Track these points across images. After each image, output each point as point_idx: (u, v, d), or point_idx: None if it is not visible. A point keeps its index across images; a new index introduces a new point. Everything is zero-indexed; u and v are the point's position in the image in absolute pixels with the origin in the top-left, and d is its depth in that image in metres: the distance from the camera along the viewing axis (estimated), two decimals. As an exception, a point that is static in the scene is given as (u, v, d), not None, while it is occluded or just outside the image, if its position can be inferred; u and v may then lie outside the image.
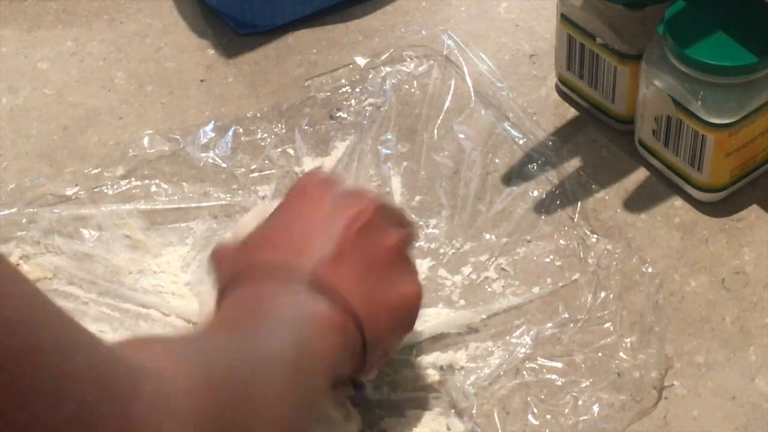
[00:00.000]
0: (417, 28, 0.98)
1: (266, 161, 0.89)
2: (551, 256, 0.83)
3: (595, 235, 0.83)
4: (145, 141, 0.90)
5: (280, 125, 0.91)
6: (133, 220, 0.85)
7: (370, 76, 0.94)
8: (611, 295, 0.80)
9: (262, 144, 0.90)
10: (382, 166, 0.89)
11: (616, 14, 0.85)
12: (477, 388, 0.76)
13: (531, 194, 0.86)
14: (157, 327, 0.80)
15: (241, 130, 0.91)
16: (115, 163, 0.89)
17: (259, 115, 0.92)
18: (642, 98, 0.85)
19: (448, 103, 0.92)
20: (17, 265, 0.83)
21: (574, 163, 0.88)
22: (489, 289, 0.81)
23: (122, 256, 0.84)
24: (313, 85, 0.94)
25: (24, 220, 0.85)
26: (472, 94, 0.92)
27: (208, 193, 0.88)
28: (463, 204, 0.86)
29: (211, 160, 0.89)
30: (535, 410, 0.75)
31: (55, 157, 0.90)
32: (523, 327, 0.79)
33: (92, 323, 0.80)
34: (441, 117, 0.91)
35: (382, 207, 0.72)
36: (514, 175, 0.88)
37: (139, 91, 0.95)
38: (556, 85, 0.94)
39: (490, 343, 0.78)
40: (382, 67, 0.95)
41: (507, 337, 0.79)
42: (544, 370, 0.77)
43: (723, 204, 0.85)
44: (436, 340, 0.78)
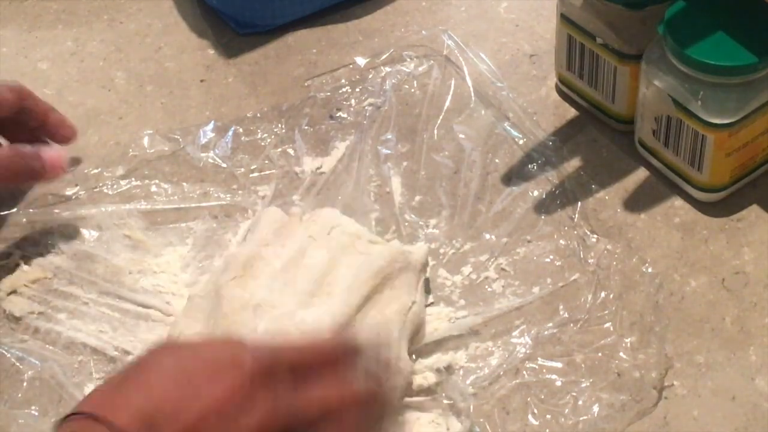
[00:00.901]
0: (417, 28, 0.98)
1: (266, 161, 0.89)
2: (551, 256, 0.83)
3: (595, 235, 0.83)
4: (145, 141, 0.90)
5: (280, 125, 0.91)
6: (133, 220, 0.85)
7: (370, 76, 0.94)
8: (611, 295, 0.80)
9: (262, 144, 0.90)
10: (382, 166, 0.89)
11: (616, 14, 0.85)
12: (477, 388, 0.76)
13: (531, 194, 0.86)
14: (158, 327, 0.80)
15: (241, 130, 0.91)
16: (115, 163, 0.89)
17: (259, 115, 0.92)
18: (642, 98, 0.85)
19: (448, 103, 0.92)
20: (17, 266, 0.83)
21: (574, 163, 0.88)
22: (489, 289, 0.81)
23: (122, 256, 0.84)
24: (313, 85, 0.94)
25: (24, 220, 0.85)
26: (472, 94, 0.92)
27: (208, 193, 0.88)
28: (463, 204, 0.86)
29: (211, 160, 0.89)
30: (535, 410, 0.75)
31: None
32: (523, 327, 0.79)
33: (92, 323, 0.80)
34: (441, 117, 0.91)
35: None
36: (514, 175, 0.88)
37: (139, 91, 0.95)
38: (556, 85, 0.94)
39: (490, 343, 0.78)
40: (382, 67, 0.95)
41: (507, 337, 0.79)
42: (544, 370, 0.77)
43: (723, 204, 0.85)
44: (436, 342, 0.78)
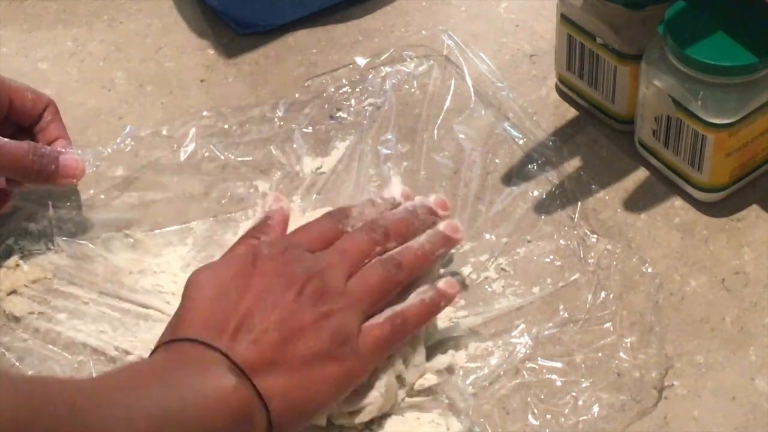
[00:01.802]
0: (417, 28, 0.98)
1: (266, 161, 0.89)
2: (551, 256, 0.83)
3: (595, 235, 0.83)
4: (145, 141, 0.90)
5: (280, 125, 0.91)
6: (133, 220, 0.85)
7: (370, 76, 0.94)
8: (611, 295, 0.80)
9: (262, 144, 0.90)
10: (382, 166, 0.89)
11: (616, 14, 0.85)
12: (477, 389, 0.76)
13: (531, 194, 0.86)
14: (158, 327, 0.80)
15: (240, 130, 0.91)
16: (115, 163, 0.89)
17: (258, 115, 0.92)
18: (642, 98, 0.85)
19: (448, 103, 0.92)
20: (17, 266, 0.83)
21: (574, 163, 0.88)
22: (489, 289, 0.81)
23: (122, 256, 0.84)
24: (313, 85, 0.94)
25: (24, 220, 0.85)
26: (472, 94, 0.92)
27: (208, 193, 0.88)
28: (463, 204, 0.86)
29: (211, 160, 0.89)
30: (535, 410, 0.75)
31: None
32: (523, 327, 0.79)
33: (92, 323, 0.80)
34: (441, 117, 0.91)
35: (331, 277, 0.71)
36: (514, 175, 0.88)
37: (139, 91, 0.95)
38: (556, 85, 0.94)
39: (490, 343, 0.78)
40: (382, 67, 0.95)
41: (507, 337, 0.79)
42: (544, 370, 0.77)
43: (723, 204, 0.85)
44: (436, 342, 0.78)
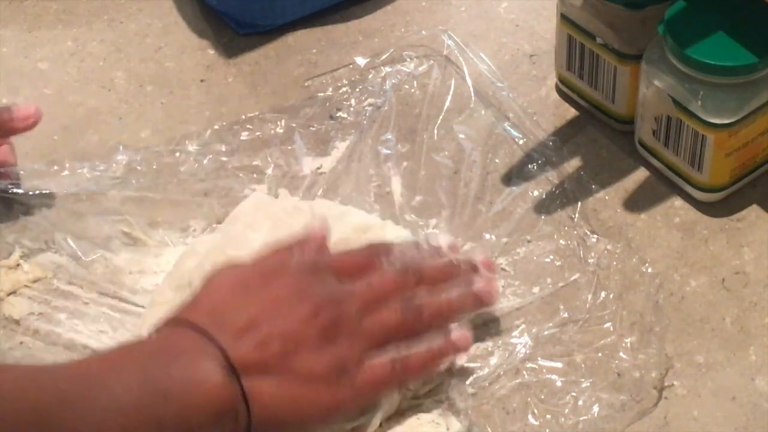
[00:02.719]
0: (417, 28, 0.98)
1: (266, 161, 0.89)
2: (551, 256, 0.83)
3: (595, 235, 0.83)
4: (145, 140, 0.90)
5: (280, 125, 0.91)
6: (133, 220, 0.85)
7: (370, 76, 0.94)
8: (611, 295, 0.80)
9: (262, 144, 0.90)
10: (382, 166, 0.89)
11: (616, 14, 0.85)
12: (477, 388, 0.76)
13: (531, 194, 0.86)
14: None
15: (241, 130, 0.91)
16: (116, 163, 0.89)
17: (258, 115, 0.92)
18: (642, 98, 0.85)
19: (448, 103, 0.92)
20: (18, 265, 0.83)
21: (574, 163, 0.88)
22: (489, 289, 0.81)
23: (122, 257, 0.84)
24: (313, 85, 0.94)
25: (24, 219, 0.85)
26: (472, 94, 0.92)
27: (208, 193, 0.88)
28: (463, 204, 0.86)
29: (211, 160, 0.89)
30: (535, 410, 0.75)
31: (55, 157, 0.90)
32: (523, 327, 0.79)
33: (92, 323, 0.80)
34: (441, 117, 0.91)
35: (357, 303, 0.71)
36: (514, 175, 0.88)
37: (139, 91, 0.95)
38: (556, 85, 0.94)
39: (490, 343, 0.78)
40: (382, 67, 0.95)
41: (507, 337, 0.79)
42: (544, 370, 0.77)
43: (723, 204, 0.85)
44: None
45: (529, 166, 0.88)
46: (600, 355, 0.77)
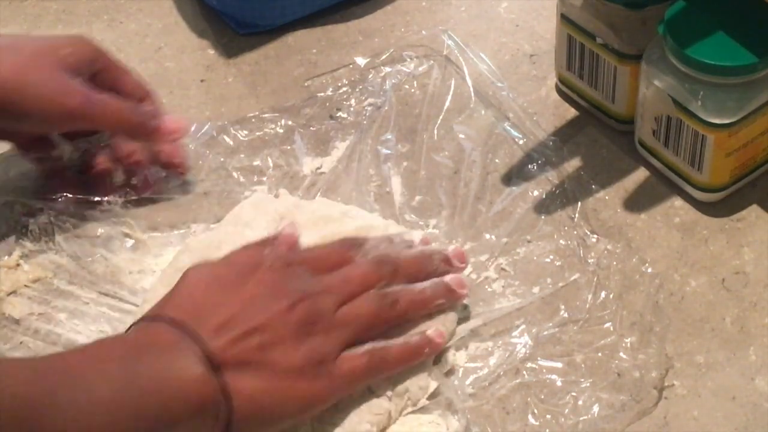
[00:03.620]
0: (417, 28, 0.98)
1: (266, 161, 0.89)
2: (551, 256, 0.83)
3: (595, 235, 0.83)
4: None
5: (280, 125, 0.91)
6: (133, 221, 0.85)
7: (370, 76, 0.94)
8: (611, 295, 0.80)
9: (262, 144, 0.90)
10: (382, 166, 0.89)
11: (616, 14, 0.85)
12: (477, 388, 0.76)
13: (531, 194, 0.86)
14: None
15: (241, 130, 0.91)
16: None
17: (258, 115, 0.92)
18: (642, 98, 0.85)
19: (448, 103, 0.92)
20: (18, 265, 0.83)
21: (574, 163, 0.88)
22: (489, 289, 0.81)
23: (122, 256, 0.84)
24: (313, 85, 0.94)
25: (26, 219, 0.85)
26: (472, 94, 0.92)
27: (208, 193, 0.88)
28: (463, 204, 0.86)
29: (210, 161, 0.89)
30: (535, 410, 0.75)
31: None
32: (523, 327, 0.79)
33: (92, 323, 0.80)
34: (441, 117, 0.91)
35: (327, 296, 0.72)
36: (514, 175, 0.88)
37: (139, 91, 0.95)
38: (556, 85, 0.94)
39: (490, 343, 0.78)
40: (382, 67, 0.95)
41: (507, 337, 0.79)
42: (544, 370, 0.77)
43: (723, 204, 0.86)
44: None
45: (529, 166, 0.88)
46: (600, 355, 0.77)
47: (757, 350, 0.78)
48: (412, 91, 0.93)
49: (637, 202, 0.86)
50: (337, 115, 0.92)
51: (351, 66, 0.95)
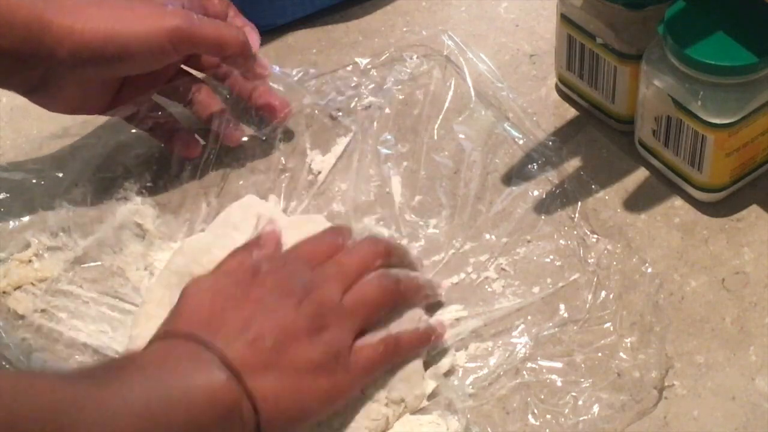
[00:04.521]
0: (417, 28, 0.98)
1: (266, 161, 0.89)
2: (551, 256, 0.83)
3: (595, 235, 0.83)
4: (146, 140, 0.90)
5: (279, 125, 0.91)
6: (146, 210, 0.85)
7: (370, 76, 0.94)
8: (611, 295, 0.80)
9: (262, 144, 0.90)
10: (382, 166, 0.89)
11: (616, 14, 0.85)
12: (477, 389, 0.76)
13: (531, 194, 0.86)
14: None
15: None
16: (117, 163, 0.89)
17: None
18: (642, 98, 0.85)
19: (448, 103, 0.92)
20: (30, 261, 0.83)
21: (574, 163, 0.88)
22: (489, 289, 0.81)
23: (131, 249, 0.83)
24: (312, 85, 0.94)
25: (42, 209, 0.85)
26: (472, 94, 0.92)
27: (208, 193, 0.88)
28: (463, 204, 0.86)
29: (210, 160, 0.89)
30: (535, 410, 0.75)
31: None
32: (523, 327, 0.79)
33: (92, 323, 0.80)
34: (441, 117, 0.91)
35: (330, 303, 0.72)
36: (514, 175, 0.88)
37: (139, 91, 0.95)
38: (556, 85, 0.94)
39: (490, 344, 0.78)
40: (382, 67, 0.95)
41: (507, 337, 0.79)
42: (544, 370, 0.77)
43: (723, 204, 0.86)
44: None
45: (529, 166, 0.88)
46: (600, 355, 0.77)
47: (757, 350, 0.78)
48: (412, 91, 0.93)
49: (637, 202, 0.86)
50: (337, 115, 0.92)
51: (351, 66, 0.95)
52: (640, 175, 0.88)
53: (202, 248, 0.80)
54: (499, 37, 0.98)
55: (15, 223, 0.84)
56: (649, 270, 0.81)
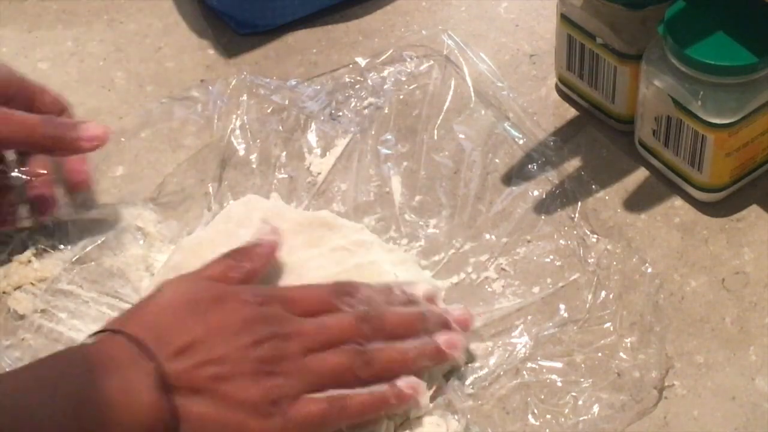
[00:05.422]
0: (417, 28, 0.98)
1: (266, 162, 0.89)
2: (551, 256, 0.83)
3: (595, 235, 0.83)
4: (146, 140, 0.90)
5: (279, 125, 0.91)
6: (147, 214, 0.85)
7: (370, 76, 0.94)
8: (611, 295, 0.80)
9: (262, 144, 0.90)
10: (382, 166, 0.89)
11: (616, 14, 0.85)
12: (477, 389, 0.76)
13: (531, 194, 0.86)
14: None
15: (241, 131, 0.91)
16: (116, 163, 0.89)
17: (259, 115, 0.92)
18: (642, 98, 0.85)
19: (448, 103, 0.92)
20: (29, 262, 0.83)
21: (574, 163, 0.88)
22: (489, 289, 0.81)
23: (131, 252, 0.83)
24: (312, 85, 0.94)
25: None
26: (472, 94, 0.92)
27: (208, 193, 0.88)
28: (463, 204, 0.86)
29: (210, 160, 0.89)
30: (535, 410, 0.75)
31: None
32: (523, 327, 0.79)
33: (92, 323, 0.80)
34: (441, 117, 0.91)
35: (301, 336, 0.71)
36: (514, 175, 0.88)
37: (139, 91, 0.95)
38: (556, 85, 0.94)
39: (490, 343, 0.78)
40: (382, 67, 0.95)
41: (507, 338, 0.79)
42: (544, 370, 0.77)
43: (723, 204, 0.86)
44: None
45: (529, 166, 0.88)
46: (600, 355, 0.77)
47: (757, 350, 0.78)
48: (412, 91, 0.93)
49: (637, 202, 0.86)
50: (337, 115, 0.92)
51: (351, 66, 0.95)
52: (640, 175, 0.88)
53: (202, 243, 0.80)
54: (499, 37, 0.98)
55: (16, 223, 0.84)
56: (649, 270, 0.81)
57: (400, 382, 0.72)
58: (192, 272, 0.75)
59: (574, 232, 0.84)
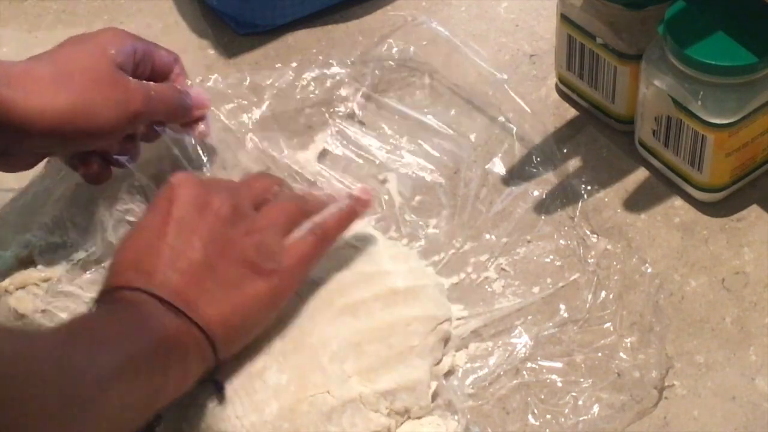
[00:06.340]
0: (416, 28, 0.98)
1: (266, 161, 0.89)
2: (551, 256, 0.83)
3: (595, 235, 0.83)
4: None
5: (279, 125, 0.91)
6: (139, 209, 0.85)
7: (370, 76, 0.94)
8: (611, 295, 0.80)
9: (262, 144, 0.90)
10: (382, 165, 0.88)
11: (616, 14, 0.85)
12: (477, 389, 0.76)
13: (531, 194, 0.86)
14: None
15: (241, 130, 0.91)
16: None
17: (258, 115, 0.92)
18: (642, 98, 0.85)
19: (448, 103, 0.92)
20: (32, 262, 0.83)
21: (574, 163, 0.88)
22: (489, 289, 0.81)
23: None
24: (311, 85, 0.94)
25: (42, 211, 0.85)
26: (473, 94, 0.92)
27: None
28: (463, 204, 0.86)
29: (211, 160, 0.89)
30: (535, 410, 0.75)
31: (55, 157, 0.90)
32: (523, 327, 0.79)
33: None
34: (441, 116, 0.91)
35: (236, 197, 0.74)
36: (514, 175, 0.88)
37: (139, 91, 0.95)
38: (556, 85, 0.94)
39: (489, 344, 0.78)
40: (378, 64, 0.94)
41: (507, 338, 0.79)
42: (544, 370, 0.77)
43: (723, 204, 0.86)
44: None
45: (529, 166, 0.88)
46: (600, 355, 0.77)
47: (757, 350, 0.78)
48: (411, 89, 0.93)
49: (637, 202, 0.86)
50: (336, 114, 0.92)
51: (349, 62, 0.95)
52: (640, 175, 0.88)
53: None
54: (499, 37, 0.98)
55: (17, 224, 0.84)
56: (649, 270, 0.81)
57: (354, 191, 0.78)
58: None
59: (574, 232, 0.84)
